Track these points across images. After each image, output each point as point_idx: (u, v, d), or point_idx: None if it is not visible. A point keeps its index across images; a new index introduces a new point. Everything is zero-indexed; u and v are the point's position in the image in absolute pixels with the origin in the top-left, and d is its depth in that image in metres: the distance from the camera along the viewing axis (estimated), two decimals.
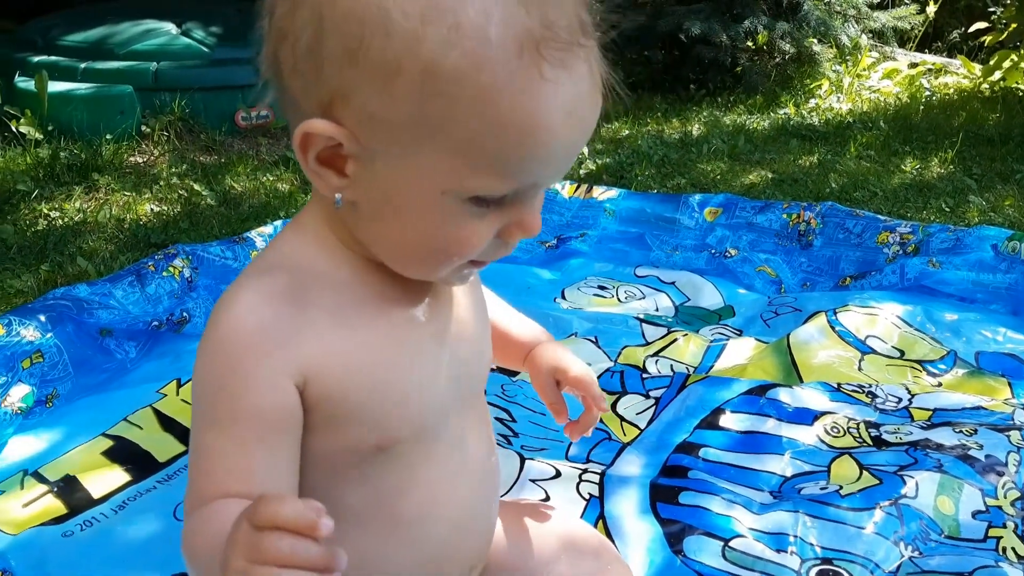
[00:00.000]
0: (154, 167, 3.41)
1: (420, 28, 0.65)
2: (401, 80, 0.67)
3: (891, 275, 2.25)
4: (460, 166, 0.70)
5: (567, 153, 0.74)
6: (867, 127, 4.05)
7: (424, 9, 0.65)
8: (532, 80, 0.67)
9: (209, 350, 0.78)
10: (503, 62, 0.66)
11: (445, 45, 0.65)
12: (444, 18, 0.65)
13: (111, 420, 1.72)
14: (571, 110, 0.70)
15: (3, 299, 2.24)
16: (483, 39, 0.65)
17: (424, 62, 0.66)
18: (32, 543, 1.40)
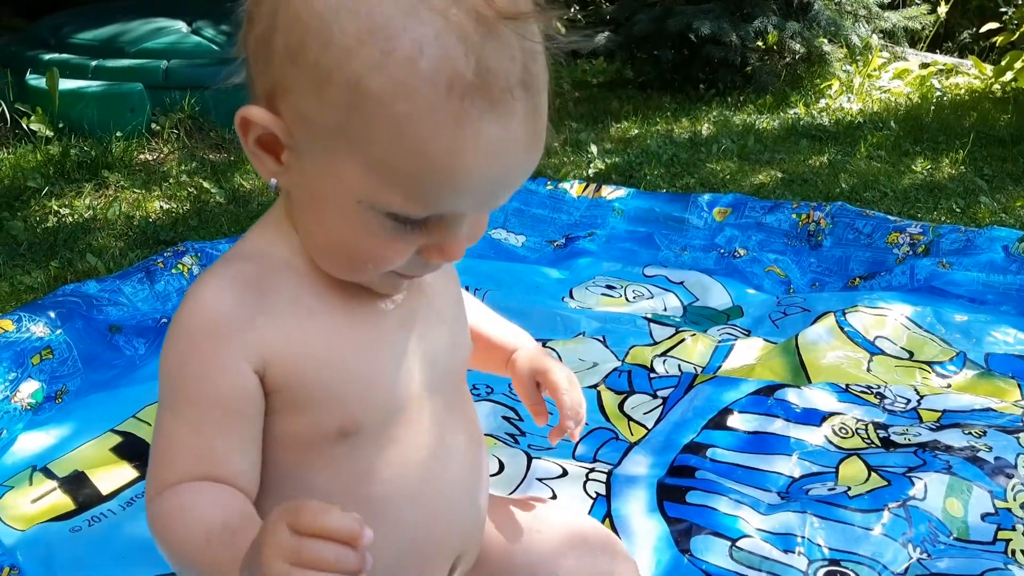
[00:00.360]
0: (164, 165, 3.42)
1: (355, 46, 0.67)
2: (330, 89, 0.69)
3: (901, 276, 2.24)
4: (375, 181, 0.72)
5: (486, 193, 0.75)
6: (877, 127, 4.03)
7: (361, 30, 0.67)
8: (451, 120, 0.68)
9: (172, 336, 0.81)
10: (425, 96, 0.67)
11: (374, 67, 0.67)
12: (378, 41, 0.67)
13: (120, 416, 1.72)
14: (490, 155, 0.70)
15: (13, 295, 2.25)
16: (411, 70, 0.67)
17: (352, 78, 0.68)
18: (40, 539, 1.40)
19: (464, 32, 0.67)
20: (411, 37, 0.66)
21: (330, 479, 0.86)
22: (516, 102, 0.69)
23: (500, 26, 0.68)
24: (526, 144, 0.73)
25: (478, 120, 0.68)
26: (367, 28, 0.67)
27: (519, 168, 0.74)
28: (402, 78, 0.67)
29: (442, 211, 0.75)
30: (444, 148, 0.69)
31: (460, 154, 0.69)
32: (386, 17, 0.67)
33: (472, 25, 0.67)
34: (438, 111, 0.67)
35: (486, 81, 0.67)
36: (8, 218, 2.76)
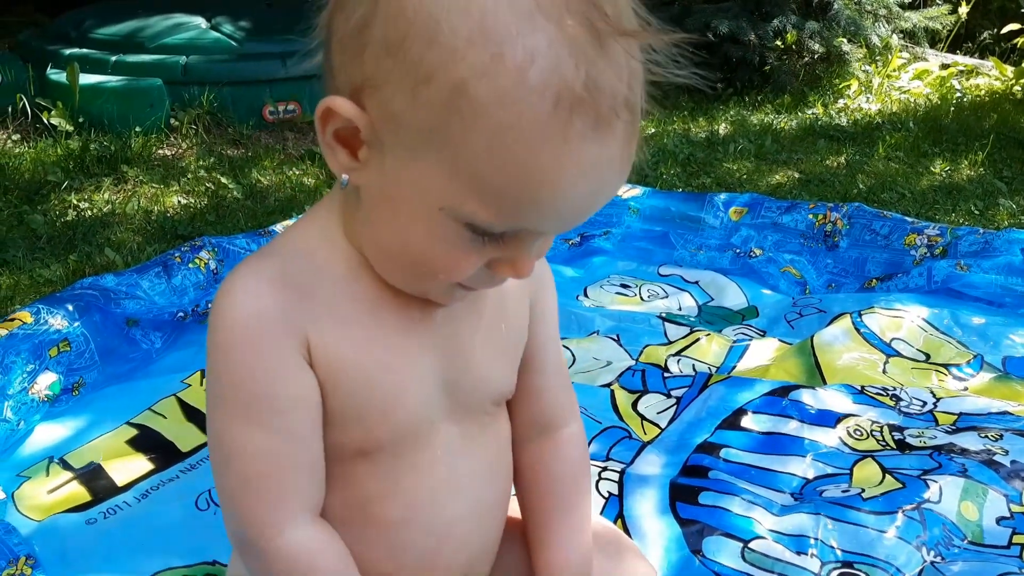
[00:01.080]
0: (182, 160, 3.44)
1: (463, 47, 0.64)
2: (429, 89, 0.66)
3: (918, 277, 2.23)
4: (462, 189, 0.69)
5: (574, 211, 0.72)
6: (896, 128, 4.01)
7: (473, 31, 0.64)
8: (555, 134, 0.65)
9: (222, 343, 0.79)
10: (532, 107, 0.64)
11: (480, 72, 0.64)
12: (488, 46, 0.63)
13: (136, 409, 1.73)
14: (587, 173, 0.68)
15: (32, 288, 2.27)
16: (519, 79, 0.63)
17: (455, 80, 0.64)
18: (56, 529, 1.42)
19: (578, 44, 0.64)
20: (524, 44, 0.63)
21: (344, 499, 0.86)
22: (619, 122, 0.67)
23: (613, 42, 0.65)
24: (620, 165, 0.70)
25: (581, 137, 0.65)
26: (479, 30, 0.63)
27: (610, 189, 0.72)
28: (509, 87, 0.63)
29: (526, 227, 0.72)
30: (542, 164, 0.66)
31: (557, 171, 0.66)
32: (500, 21, 0.63)
33: (586, 37, 0.64)
34: (542, 125, 0.64)
35: (594, 98, 0.65)
36: (28, 212, 2.78)
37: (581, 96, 0.64)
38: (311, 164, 3.46)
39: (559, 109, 0.64)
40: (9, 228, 2.66)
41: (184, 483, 1.54)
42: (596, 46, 0.64)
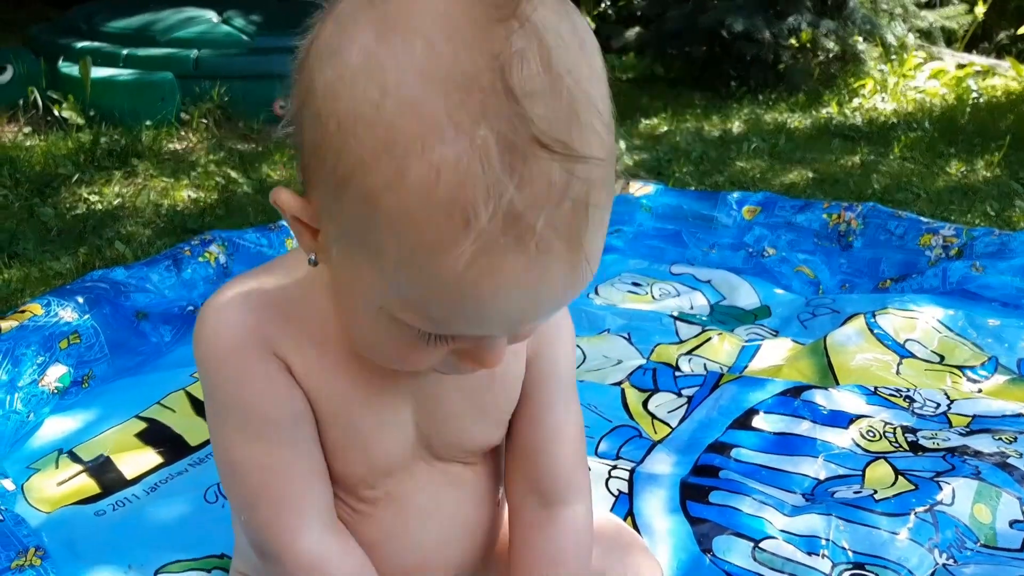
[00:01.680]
0: (192, 154, 3.45)
1: (369, 159, 0.59)
2: (347, 195, 0.62)
3: (933, 278, 2.21)
4: (391, 295, 0.65)
5: (513, 323, 0.66)
6: (911, 128, 3.98)
7: (378, 144, 0.58)
8: (469, 256, 0.58)
9: (206, 359, 0.79)
10: (439, 227, 0.58)
11: (386, 186, 0.58)
12: (394, 159, 0.58)
13: (145, 402, 1.73)
14: (517, 292, 0.61)
15: (43, 281, 2.27)
16: (426, 197, 0.57)
17: (366, 191, 0.60)
18: (65, 521, 1.41)
19: (490, 159, 0.56)
20: (429, 160, 0.57)
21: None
22: (550, 246, 0.59)
23: (538, 155, 0.57)
24: (563, 279, 0.62)
25: (498, 261, 0.58)
26: (383, 143, 0.58)
27: (553, 301, 0.64)
28: (415, 204, 0.58)
29: (464, 334, 0.68)
30: (458, 281, 0.59)
31: (476, 289, 0.60)
32: (405, 133, 0.57)
33: (500, 152, 0.56)
34: (452, 245, 0.58)
35: (510, 224, 0.57)
36: (39, 204, 2.79)
37: (492, 224, 0.57)
38: None
39: (469, 232, 0.57)
40: (20, 221, 2.66)
41: (193, 476, 1.54)
42: (512, 162, 0.56)
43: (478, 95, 0.56)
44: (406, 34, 0.58)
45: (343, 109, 0.60)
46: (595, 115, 0.60)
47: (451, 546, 0.93)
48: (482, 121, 0.56)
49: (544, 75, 0.57)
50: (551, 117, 0.57)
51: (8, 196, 2.85)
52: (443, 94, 0.56)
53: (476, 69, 0.56)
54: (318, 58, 0.63)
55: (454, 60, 0.57)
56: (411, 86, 0.57)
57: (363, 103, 0.59)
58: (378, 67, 0.58)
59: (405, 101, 0.57)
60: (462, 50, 0.57)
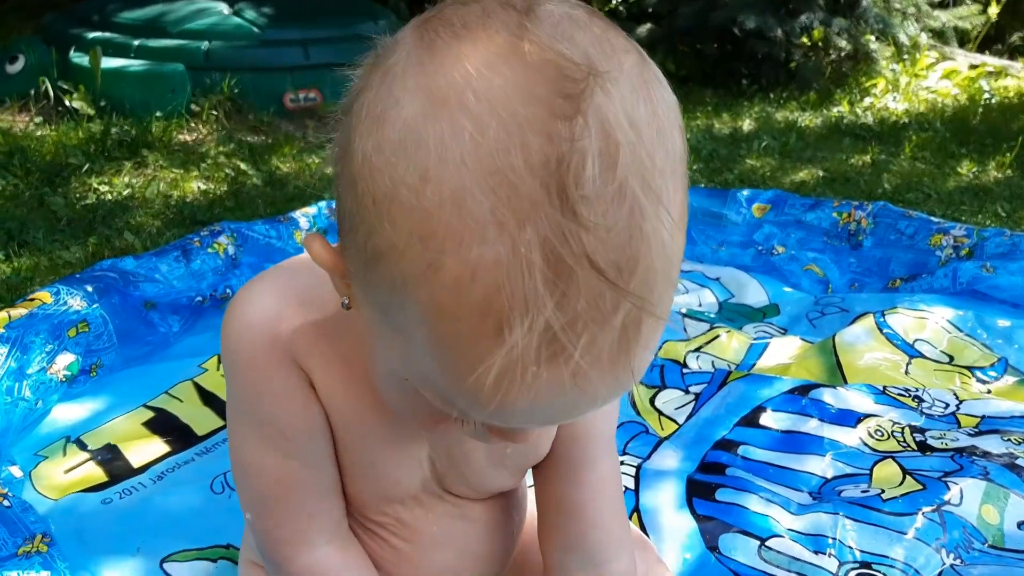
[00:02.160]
0: (202, 145, 3.45)
1: (402, 247, 0.54)
2: (376, 273, 0.57)
3: (943, 278, 2.20)
4: (416, 376, 0.61)
5: (542, 422, 0.61)
6: (923, 128, 3.96)
7: (414, 232, 0.53)
8: (500, 362, 0.52)
9: (232, 356, 0.77)
10: (472, 328, 0.52)
11: (418, 277, 0.53)
12: (427, 253, 0.52)
13: (153, 392, 1.74)
14: (543, 398, 0.55)
15: (52, 270, 2.28)
16: (458, 296, 0.52)
17: (395, 277, 0.55)
18: (72, 509, 1.42)
19: (531, 269, 0.50)
20: (466, 259, 0.51)
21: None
22: (590, 370, 0.53)
23: (587, 273, 0.50)
24: (603, 393, 0.56)
25: (530, 378, 0.53)
26: (419, 232, 0.52)
27: (590, 408, 0.58)
28: (446, 301, 0.52)
29: (490, 423, 0.63)
30: (483, 389, 0.54)
31: (502, 400, 0.54)
32: (443, 226, 0.51)
33: (543, 263, 0.50)
34: (482, 352, 0.53)
35: (545, 343, 0.51)
36: (49, 194, 2.79)
37: (528, 334, 0.51)
38: None
39: (502, 338, 0.52)
40: (30, 210, 2.67)
41: (200, 466, 1.54)
42: (556, 276, 0.50)
43: (528, 195, 0.50)
44: (456, 112, 0.51)
45: (380, 186, 0.54)
46: (662, 220, 0.52)
47: (463, 570, 0.93)
48: (528, 225, 0.50)
49: (607, 179, 0.50)
50: (607, 229, 0.50)
51: (19, 185, 2.85)
52: (490, 189, 0.50)
53: (530, 164, 0.50)
54: (359, 119, 0.57)
55: (506, 151, 0.50)
56: (455, 175, 0.51)
57: (401, 185, 0.52)
58: (421, 147, 0.52)
59: (446, 191, 0.51)
60: (516, 140, 0.50)
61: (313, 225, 2.37)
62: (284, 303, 0.76)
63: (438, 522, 0.88)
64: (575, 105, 0.50)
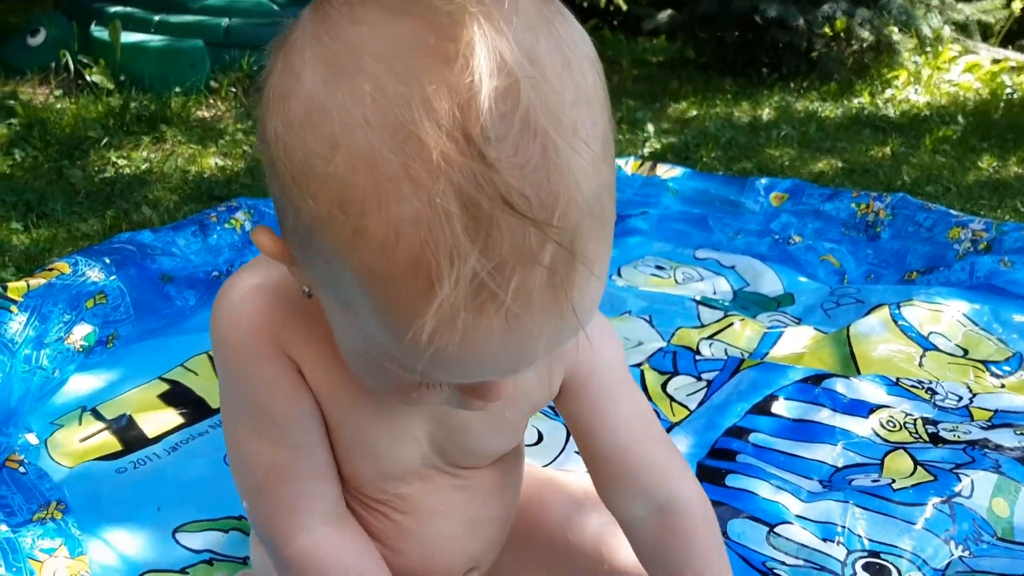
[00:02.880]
0: (220, 122, 3.46)
1: (326, 218, 0.54)
2: (312, 248, 0.57)
3: (960, 272, 2.19)
4: (370, 345, 0.61)
5: (494, 373, 0.60)
6: (944, 121, 3.93)
7: (333, 202, 0.53)
8: (436, 314, 0.52)
9: (220, 347, 0.77)
10: (404, 286, 0.52)
11: (347, 245, 0.53)
12: (349, 218, 0.52)
13: (168, 364, 1.75)
14: (491, 349, 0.55)
15: (70, 242, 2.29)
16: (386, 257, 0.52)
17: (328, 249, 0.55)
18: (87, 476, 1.44)
19: (450, 220, 0.50)
20: (387, 219, 0.51)
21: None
22: (524, 312, 0.53)
23: (506, 214, 0.50)
24: (547, 338, 0.56)
25: (469, 328, 0.53)
26: (338, 200, 0.52)
27: (538, 354, 0.57)
28: (376, 264, 0.53)
29: (438, 381, 0.63)
30: (429, 345, 0.54)
31: (448, 353, 0.55)
32: (359, 189, 0.51)
33: (460, 211, 0.50)
34: (418, 303, 0.52)
35: (476, 291, 0.51)
36: (68, 166, 2.81)
37: (457, 285, 0.51)
38: None
39: (433, 291, 0.52)
40: (49, 182, 2.68)
41: (213, 438, 1.55)
42: (476, 222, 0.50)
43: (435, 146, 0.49)
44: (354, 76, 0.51)
45: (295, 162, 0.54)
46: (579, 151, 0.52)
47: (461, 543, 0.93)
48: (440, 176, 0.49)
49: (511, 117, 0.49)
50: (519, 167, 0.50)
51: (38, 157, 2.87)
52: (397, 146, 0.50)
53: (432, 115, 0.49)
54: (269, 100, 0.57)
55: (407, 106, 0.50)
56: (362, 138, 0.51)
57: (313, 157, 0.53)
58: (326, 116, 0.52)
59: (356, 155, 0.51)
60: (415, 93, 0.50)
61: None
62: (270, 292, 0.75)
63: (439, 494, 0.88)
64: (462, 47, 0.49)
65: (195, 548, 1.29)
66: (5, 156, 2.85)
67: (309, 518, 0.81)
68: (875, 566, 1.29)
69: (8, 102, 3.26)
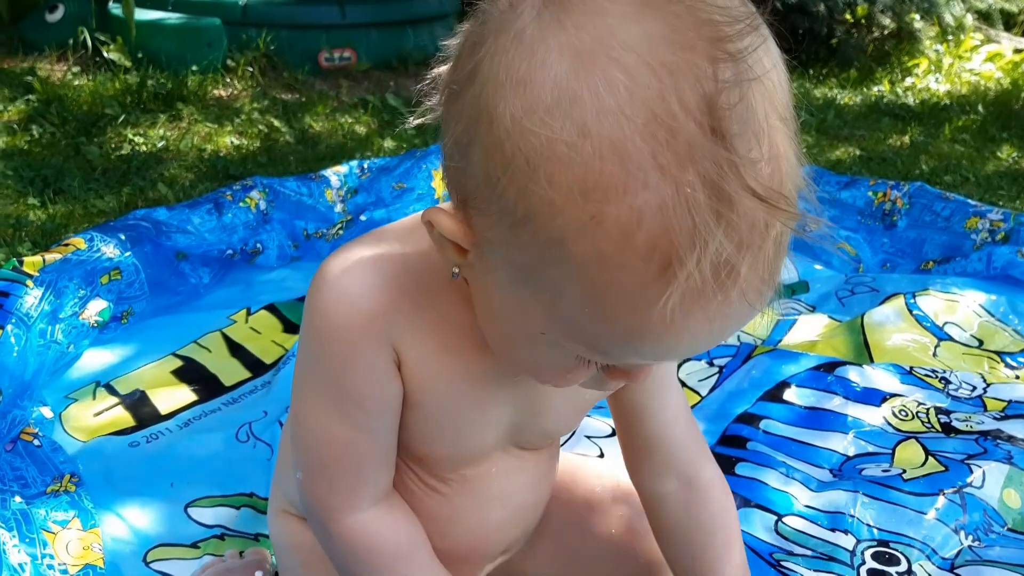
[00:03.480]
0: (236, 101, 3.46)
1: (560, 202, 0.55)
2: (526, 232, 0.58)
3: (977, 262, 2.17)
4: (561, 329, 0.62)
5: (689, 352, 0.64)
6: (964, 110, 3.89)
7: (574, 186, 0.54)
8: (659, 303, 0.55)
9: (320, 327, 0.76)
10: (635, 273, 0.55)
11: (578, 231, 0.55)
12: (588, 205, 0.54)
13: (182, 341, 1.76)
14: (695, 332, 0.59)
15: (86, 218, 2.30)
16: (624, 244, 0.54)
17: (551, 234, 0.56)
18: (100, 451, 1.45)
19: (696, 206, 0.53)
20: (631, 205, 0.53)
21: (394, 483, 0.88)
22: (750, 286, 0.56)
23: (745, 200, 0.54)
24: (752, 311, 0.60)
25: (699, 305, 0.56)
26: (579, 185, 0.54)
27: (729, 333, 0.62)
28: (611, 250, 0.54)
29: (633, 363, 0.67)
30: (640, 323, 0.57)
31: (664, 331, 0.58)
32: (605, 177, 0.53)
33: (706, 198, 0.53)
34: (644, 290, 0.55)
35: (717, 271, 0.54)
36: (84, 143, 2.82)
37: (691, 273, 0.54)
38: (363, 112, 3.46)
39: (664, 279, 0.54)
40: (66, 158, 2.69)
41: (225, 415, 1.56)
42: (720, 207, 0.53)
43: (685, 137, 0.52)
44: (607, 66, 0.53)
45: (534, 146, 0.55)
46: (793, 152, 0.58)
47: (511, 527, 0.96)
48: (689, 165, 0.52)
49: (752, 116, 0.54)
50: (758, 160, 0.54)
51: (55, 133, 2.88)
52: (648, 135, 0.52)
53: (685, 107, 0.52)
54: (499, 84, 0.57)
55: (661, 98, 0.53)
56: (613, 126, 0.53)
57: (558, 143, 0.54)
58: (577, 104, 0.54)
59: (606, 142, 0.53)
60: (669, 86, 0.53)
61: (344, 184, 2.38)
62: (384, 278, 0.75)
63: (500, 477, 0.90)
64: (723, 49, 0.54)
65: (207, 523, 1.30)
66: (23, 132, 2.86)
67: (363, 499, 0.82)
68: (884, 555, 1.29)
69: (26, 78, 3.27)
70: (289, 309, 1.91)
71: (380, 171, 2.46)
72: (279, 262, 2.16)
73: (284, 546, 1.01)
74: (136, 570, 1.21)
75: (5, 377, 1.46)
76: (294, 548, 0.99)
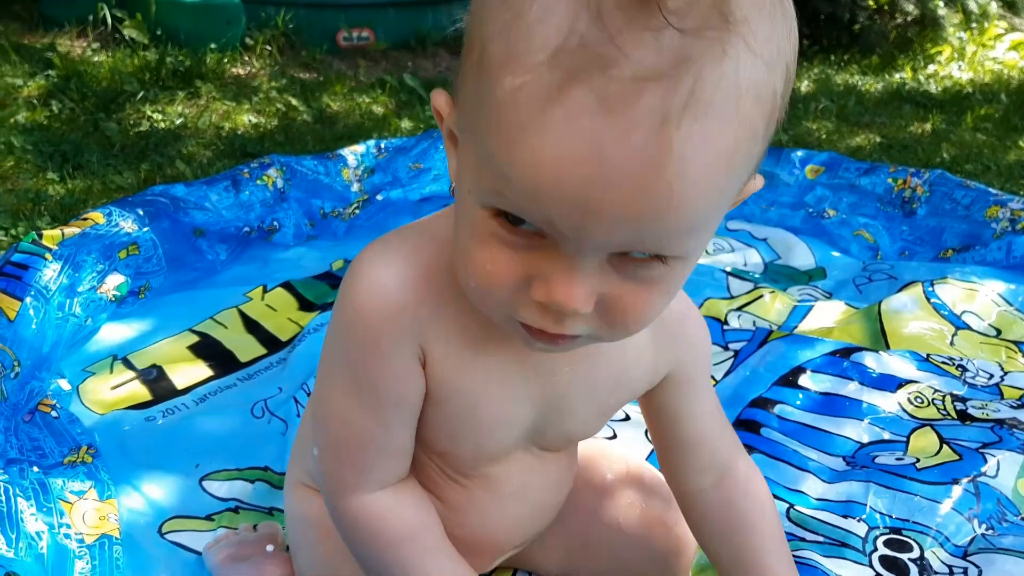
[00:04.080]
0: (254, 79, 3.46)
1: (490, 14, 0.59)
2: (471, 60, 0.61)
3: (996, 251, 2.15)
4: (481, 167, 0.61)
5: (573, 202, 0.57)
6: (987, 99, 3.85)
7: (500, 5, 0.58)
8: (548, 95, 0.55)
9: (348, 315, 0.77)
10: (530, 64, 0.55)
11: (499, 32, 0.58)
12: (512, 6, 0.57)
13: (199, 317, 1.77)
14: (586, 152, 0.54)
15: (104, 193, 2.32)
16: (526, 37, 0.56)
17: (481, 45, 0.59)
18: (116, 424, 1.46)
19: (605, 6, 0.53)
20: (541, 3, 0.55)
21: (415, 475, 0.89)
22: (640, 102, 0.53)
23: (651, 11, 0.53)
24: (648, 163, 0.54)
25: (577, 106, 0.54)
26: (504, 3, 0.58)
27: (624, 189, 0.55)
28: (516, 45, 0.56)
29: (532, 217, 0.60)
30: (532, 130, 0.55)
31: (545, 139, 0.55)
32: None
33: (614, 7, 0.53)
34: (537, 85, 0.55)
35: (603, 62, 0.53)
36: (103, 119, 2.83)
37: (580, 54, 0.53)
38: (381, 92, 3.45)
39: (556, 67, 0.54)
40: (85, 134, 2.70)
41: (241, 391, 1.57)
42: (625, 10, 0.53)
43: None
44: None
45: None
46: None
47: (527, 524, 0.98)
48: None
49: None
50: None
51: (75, 109, 2.89)
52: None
53: None
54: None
55: None
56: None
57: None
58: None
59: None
60: None
61: (360, 163, 2.38)
62: (416, 273, 0.76)
63: (520, 475, 0.92)
64: None
65: (221, 496, 1.31)
66: (43, 107, 2.87)
67: (371, 482, 0.83)
68: (897, 542, 1.28)
69: (46, 54, 3.28)
70: (305, 287, 1.91)
71: (397, 151, 2.46)
72: (295, 240, 2.17)
73: (297, 517, 1.02)
74: (151, 541, 1.22)
75: (24, 349, 1.47)
76: (307, 520, 1.00)
